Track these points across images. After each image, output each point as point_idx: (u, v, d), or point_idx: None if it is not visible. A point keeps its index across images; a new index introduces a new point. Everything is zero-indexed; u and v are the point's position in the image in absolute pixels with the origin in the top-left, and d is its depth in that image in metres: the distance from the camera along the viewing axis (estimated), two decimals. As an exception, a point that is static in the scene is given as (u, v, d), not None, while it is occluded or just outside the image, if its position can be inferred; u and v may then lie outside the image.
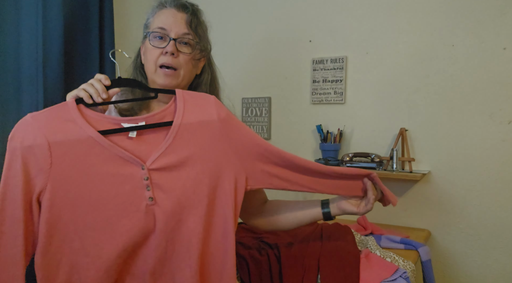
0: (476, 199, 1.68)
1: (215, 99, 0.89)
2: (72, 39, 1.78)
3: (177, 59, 0.97)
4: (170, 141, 0.82)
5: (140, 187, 0.80)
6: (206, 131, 0.84)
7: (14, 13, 1.59)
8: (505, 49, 1.60)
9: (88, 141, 0.79)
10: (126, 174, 0.80)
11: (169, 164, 0.81)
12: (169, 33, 0.97)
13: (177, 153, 0.82)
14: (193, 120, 0.84)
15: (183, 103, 0.86)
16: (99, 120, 0.82)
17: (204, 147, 0.84)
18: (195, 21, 1.01)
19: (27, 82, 1.61)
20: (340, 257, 1.21)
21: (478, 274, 1.69)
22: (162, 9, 1.01)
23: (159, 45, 0.97)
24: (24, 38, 1.60)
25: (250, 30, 2.14)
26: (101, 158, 0.79)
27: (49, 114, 0.81)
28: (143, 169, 0.80)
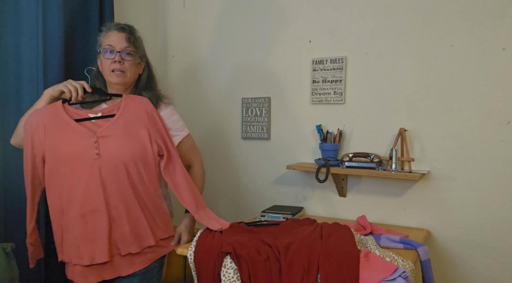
0: (475, 199, 1.68)
1: (145, 101, 1.44)
2: (72, 39, 1.78)
3: (123, 65, 1.43)
4: (111, 123, 1.37)
5: (92, 147, 1.33)
6: (136, 120, 1.40)
7: (14, 13, 1.59)
8: (504, 50, 1.60)
9: (66, 124, 1.35)
10: (86, 137, 1.34)
11: (109, 135, 1.35)
12: (115, 48, 1.43)
13: (115, 130, 1.36)
14: (129, 113, 1.40)
15: (124, 102, 1.41)
16: (74, 113, 1.39)
17: (130, 127, 1.39)
18: (132, 37, 1.46)
19: (27, 82, 1.61)
20: (340, 257, 1.21)
21: (477, 274, 1.70)
22: (108, 32, 1.46)
23: (110, 56, 1.43)
24: (24, 38, 1.61)
25: (250, 30, 2.14)
26: (72, 131, 1.34)
27: (47, 109, 1.38)
28: (93, 137, 1.34)
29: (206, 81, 2.30)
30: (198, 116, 2.32)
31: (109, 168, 1.32)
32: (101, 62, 1.46)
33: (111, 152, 1.32)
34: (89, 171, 1.31)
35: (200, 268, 1.32)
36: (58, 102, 1.38)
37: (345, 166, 1.78)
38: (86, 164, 1.31)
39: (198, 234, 1.41)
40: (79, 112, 1.37)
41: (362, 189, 1.91)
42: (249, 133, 2.17)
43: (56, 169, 1.32)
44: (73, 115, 1.37)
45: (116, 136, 1.34)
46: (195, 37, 2.31)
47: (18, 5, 1.59)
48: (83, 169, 1.31)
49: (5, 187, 1.57)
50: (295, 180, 2.07)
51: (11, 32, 1.58)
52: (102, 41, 1.46)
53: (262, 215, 1.82)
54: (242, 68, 2.18)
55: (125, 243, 1.35)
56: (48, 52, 1.65)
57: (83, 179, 1.31)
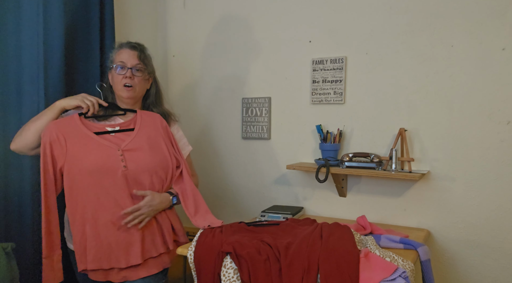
0: (475, 199, 1.68)
1: (160, 117, 1.56)
2: (72, 40, 1.78)
3: (133, 80, 1.52)
4: (133, 137, 1.46)
5: (119, 160, 1.39)
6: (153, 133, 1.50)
7: (15, 14, 1.59)
8: (504, 50, 1.60)
9: (87, 137, 1.41)
10: (110, 152, 1.39)
11: (133, 148, 1.43)
12: (126, 65, 1.52)
13: (137, 143, 1.45)
14: (146, 127, 1.50)
15: (140, 117, 1.52)
16: (92, 125, 1.45)
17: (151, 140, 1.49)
18: (142, 55, 1.55)
19: (28, 83, 1.61)
20: (340, 257, 1.21)
21: (477, 274, 1.70)
22: (120, 49, 1.55)
23: (121, 72, 1.52)
24: (25, 39, 1.61)
25: (250, 30, 2.14)
26: (96, 145, 1.39)
27: (64, 121, 1.42)
28: (119, 150, 1.41)
29: (206, 81, 2.30)
30: (198, 116, 2.32)
31: (136, 179, 1.40)
32: (113, 77, 1.54)
33: (138, 165, 1.40)
34: (117, 182, 1.37)
35: (200, 268, 1.32)
36: (75, 115, 1.43)
37: (345, 166, 1.78)
38: (114, 175, 1.36)
39: (198, 234, 1.41)
40: (96, 125, 1.44)
41: (362, 189, 1.91)
42: (249, 133, 2.17)
43: (80, 180, 1.36)
44: (91, 127, 1.43)
45: (141, 150, 1.43)
46: (195, 37, 2.31)
47: (19, 5, 1.59)
48: (111, 180, 1.36)
49: (5, 187, 1.57)
50: (295, 180, 2.07)
51: (12, 33, 1.58)
52: (114, 58, 1.54)
53: (262, 215, 1.82)
54: (242, 68, 2.18)
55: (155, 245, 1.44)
56: (49, 52, 1.66)
57: (112, 190, 1.36)
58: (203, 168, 2.31)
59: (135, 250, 1.38)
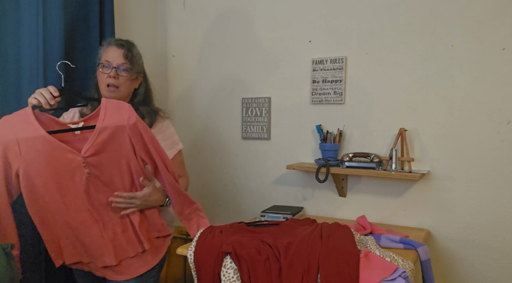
0: (475, 198, 1.68)
1: (129, 108, 1.30)
2: (72, 40, 1.78)
3: (118, 80, 1.44)
4: (95, 138, 1.26)
5: (81, 167, 1.27)
6: (119, 131, 1.28)
7: (14, 13, 1.59)
8: (504, 50, 1.60)
9: (42, 138, 1.22)
10: (71, 158, 1.26)
11: (95, 152, 1.27)
12: (111, 63, 1.44)
13: (101, 145, 1.27)
14: (110, 123, 1.27)
15: (104, 110, 1.28)
16: (50, 123, 1.26)
17: (117, 140, 1.28)
18: (129, 54, 1.46)
19: (28, 82, 1.61)
20: (340, 257, 1.21)
21: (477, 274, 1.70)
22: (108, 47, 1.47)
23: (105, 71, 1.44)
24: (25, 38, 1.61)
25: (250, 30, 2.14)
26: (51, 148, 1.23)
27: (16, 117, 1.24)
28: (80, 157, 1.27)
29: (206, 81, 2.30)
30: (198, 116, 2.32)
31: (100, 183, 1.31)
32: (98, 75, 1.47)
33: (101, 171, 1.30)
34: (79, 187, 1.29)
35: (200, 268, 1.32)
36: (27, 109, 1.24)
37: (345, 166, 1.78)
38: (76, 180, 1.28)
39: (198, 235, 1.41)
40: (56, 120, 1.28)
41: (362, 189, 1.91)
42: (249, 133, 2.17)
43: (40, 185, 1.26)
44: (49, 123, 1.24)
45: (102, 155, 1.28)
46: (195, 37, 2.31)
47: (18, 5, 1.59)
48: (72, 185, 1.28)
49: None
50: (295, 180, 2.07)
51: (11, 32, 1.58)
52: (101, 55, 1.48)
53: (262, 215, 1.82)
54: (242, 68, 2.18)
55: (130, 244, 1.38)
56: (48, 52, 1.65)
57: (77, 193, 1.29)
58: (203, 168, 2.31)
59: (107, 251, 1.34)
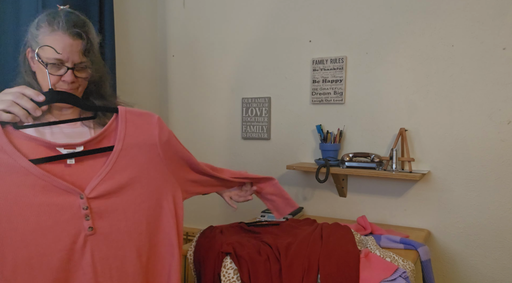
0: (476, 199, 1.68)
1: (158, 120, 0.89)
2: (72, 39, 1.78)
3: (75, 83, 0.97)
4: (110, 166, 0.79)
5: (79, 217, 0.75)
6: (146, 155, 0.84)
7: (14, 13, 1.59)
8: (504, 49, 1.60)
9: (20, 171, 0.72)
10: (63, 204, 0.74)
11: (109, 190, 0.78)
12: (65, 63, 0.94)
13: (117, 178, 0.79)
14: (133, 144, 0.83)
15: (125, 124, 0.84)
16: (31, 145, 0.75)
17: (143, 171, 0.84)
18: (89, 46, 0.97)
19: (27, 82, 1.61)
20: (340, 257, 1.21)
21: (478, 274, 1.69)
22: (55, 34, 0.93)
23: (56, 72, 0.94)
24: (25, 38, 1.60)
25: (250, 30, 2.14)
26: (35, 189, 0.72)
27: None
28: (81, 198, 0.76)
29: (206, 81, 2.30)
30: (198, 116, 2.32)
31: (112, 247, 0.79)
32: (38, 71, 0.99)
33: (113, 224, 0.79)
34: (74, 257, 0.76)
35: (200, 268, 1.32)
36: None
37: (345, 166, 1.78)
38: (70, 246, 0.75)
39: (198, 235, 1.41)
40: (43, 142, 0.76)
41: (362, 189, 1.91)
42: (249, 133, 2.16)
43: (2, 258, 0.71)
44: (27, 148, 0.75)
45: (120, 194, 0.80)
46: (195, 37, 2.31)
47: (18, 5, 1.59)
48: (64, 255, 0.75)
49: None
50: (295, 180, 2.07)
51: (11, 32, 1.58)
52: (41, 41, 0.94)
53: (262, 215, 1.81)
54: (242, 68, 2.17)
55: None
56: (48, 52, 1.65)
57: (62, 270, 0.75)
58: (203, 168, 2.31)
59: None
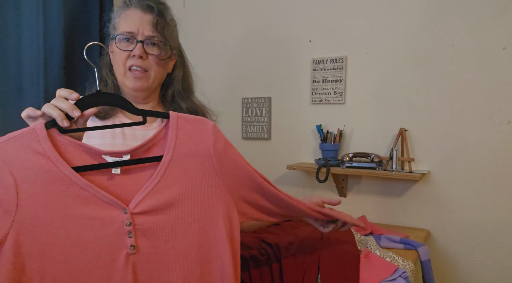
0: (476, 199, 1.68)
1: (213, 128, 0.81)
2: (72, 39, 1.78)
3: (146, 61, 0.97)
4: (158, 179, 0.72)
5: (121, 233, 0.69)
6: (199, 167, 0.76)
7: (14, 13, 1.59)
8: (504, 49, 1.60)
9: (63, 180, 0.67)
10: (106, 218, 0.69)
11: (155, 206, 0.72)
12: (136, 36, 0.95)
13: (165, 193, 0.72)
14: (185, 154, 0.75)
15: (175, 131, 0.75)
16: (75, 152, 0.70)
17: (195, 186, 0.75)
18: (161, 22, 0.97)
19: (28, 82, 1.61)
20: (340, 257, 1.21)
21: (478, 274, 1.70)
22: (127, 10, 0.97)
23: (127, 47, 0.95)
24: (25, 39, 1.61)
25: (250, 30, 2.14)
26: (78, 200, 0.68)
27: (16, 144, 0.68)
28: (125, 213, 0.70)
29: (206, 81, 2.29)
30: (198, 116, 2.32)
31: (153, 272, 0.72)
32: (113, 53, 0.98)
33: (158, 245, 0.72)
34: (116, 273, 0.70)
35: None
36: (38, 129, 0.70)
37: (345, 166, 1.78)
38: (110, 265, 0.70)
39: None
40: (87, 147, 0.71)
41: (362, 189, 1.91)
42: (249, 133, 2.17)
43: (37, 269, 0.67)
44: (74, 153, 0.71)
45: (168, 211, 0.73)
46: (195, 37, 2.31)
47: (19, 5, 1.59)
48: (103, 273, 0.70)
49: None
50: (295, 180, 2.07)
51: (12, 33, 1.58)
52: (117, 23, 0.98)
53: (262, 215, 1.81)
54: (242, 68, 2.17)
55: None
56: (49, 52, 1.65)
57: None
58: (203, 168, 2.31)
59: None
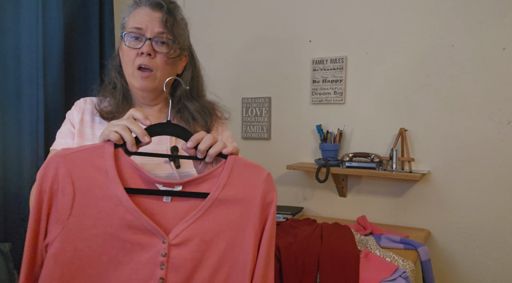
0: (475, 199, 1.68)
1: (267, 177, 0.80)
2: (72, 39, 1.78)
3: (154, 59, 0.94)
4: (200, 214, 0.74)
5: (154, 263, 0.70)
6: (240, 212, 0.76)
7: (14, 13, 1.59)
8: (504, 50, 1.60)
9: (114, 199, 0.71)
10: (144, 244, 0.70)
11: (192, 240, 0.72)
12: (144, 33, 0.93)
13: (203, 230, 0.73)
14: (231, 196, 0.76)
15: (228, 172, 0.77)
16: (132, 174, 0.74)
17: (233, 231, 0.75)
18: (170, 19, 0.96)
19: (27, 82, 1.61)
20: (340, 257, 1.21)
21: (478, 274, 1.69)
22: (137, 8, 0.96)
23: (135, 45, 0.94)
24: (24, 39, 1.60)
25: (250, 30, 2.14)
26: (122, 222, 0.70)
27: (82, 156, 0.73)
28: (164, 242, 0.71)
29: (205, 81, 2.29)
30: (198, 116, 2.32)
31: None
32: (122, 53, 0.98)
33: (191, 276, 0.72)
34: None
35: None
36: (107, 147, 0.75)
37: (345, 166, 1.78)
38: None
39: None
40: (140, 171, 0.75)
41: (362, 189, 1.91)
42: (249, 133, 2.16)
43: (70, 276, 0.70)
44: (129, 175, 0.75)
45: (201, 246, 0.73)
46: (195, 37, 2.30)
47: (18, 5, 1.59)
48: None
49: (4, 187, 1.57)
50: (295, 180, 2.07)
51: (11, 32, 1.58)
52: (126, 21, 0.98)
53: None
54: (242, 68, 2.17)
55: None
56: (48, 52, 1.65)
57: None
58: (203, 168, 2.31)
59: None
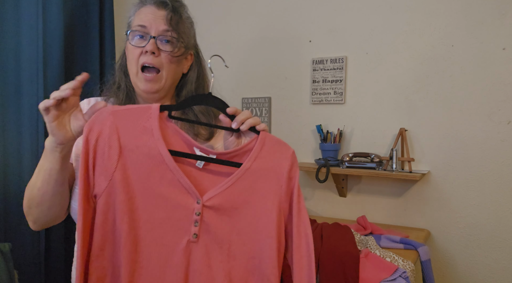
0: (475, 199, 1.68)
1: (293, 154, 0.85)
2: (72, 39, 1.78)
3: (158, 58, 0.93)
4: (232, 182, 0.79)
5: (189, 220, 0.76)
6: (269, 182, 0.81)
7: (14, 13, 1.59)
8: (504, 50, 1.60)
9: (157, 158, 0.76)
10: (181, 203, 0.76)
11: (223, 205, 0.78)
12: (149, 31, 0.92)
13: (234, 197, 0.79)
14: (261, 168, 0.81)
15: (261, 146, 0.82)
16: (174, 136, 0.80)
17: (262, 198, 0.80)
18: (175, 18, 0.95)
19: (28, 82, 1.61)
20: (340, 257, 1.21)
21: (477, 274, 1.69)
22: (142, 7, 0.95)
23: (139, 44, 0.92)
24: (25, 38, 1.61)
25: (250, 30, 2.14)
26: (163, 179, 0.76)
27: (130, 114, 0.77)
28: (198, 203, 0.76)
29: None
30: (198, 116, 2.32)
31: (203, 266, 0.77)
32: (127, 52, 0.97)
33: (219, 244, 0.78)
34: (175, 255, 0.76)
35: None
36: (154, 108, 0.79)
37: (345, 166, 1.78)
38: (169, 246, 0.76)
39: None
40: (185, 137, 0.80)
41: (362, 189, 1.91)
42: (249, 133, 2.16)
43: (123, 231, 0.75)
44: (173, 139, 0.80)
45: (231, 210, 0.79)
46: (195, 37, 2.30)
47: (18, 5, 1.59)
48: (167, 250, 0.76)
49: (4, 187, 1.57)
50: (295, 180, 2.06)
51: (11, 32, 1.58)
52: (132, 20, 0.97)
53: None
54: (242, 68, 2.17)
55: None
56: (48, 52, 1.65)
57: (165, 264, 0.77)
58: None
59: None
